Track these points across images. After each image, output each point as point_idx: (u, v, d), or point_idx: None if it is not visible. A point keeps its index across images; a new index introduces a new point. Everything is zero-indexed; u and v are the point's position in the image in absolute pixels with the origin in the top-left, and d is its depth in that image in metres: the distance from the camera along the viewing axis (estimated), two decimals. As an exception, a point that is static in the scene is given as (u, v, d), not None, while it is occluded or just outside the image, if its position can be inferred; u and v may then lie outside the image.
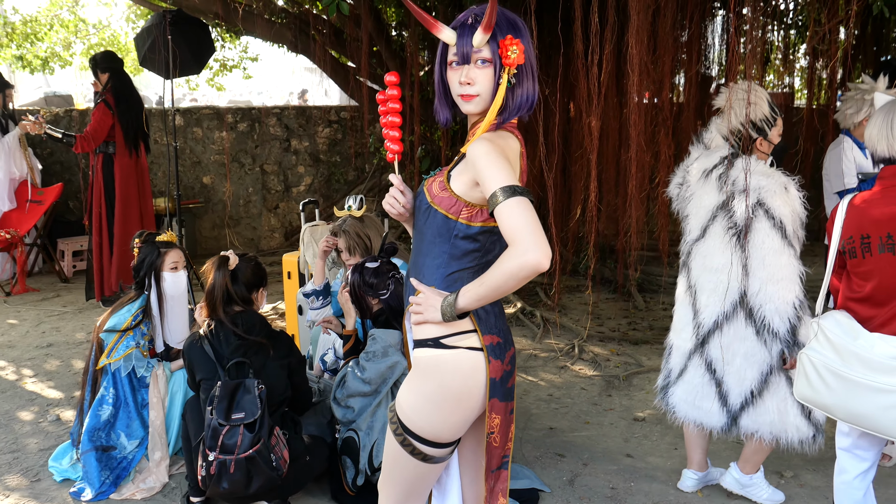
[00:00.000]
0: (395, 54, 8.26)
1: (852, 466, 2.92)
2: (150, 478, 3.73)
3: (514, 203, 1.87)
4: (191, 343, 3.47)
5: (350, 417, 3.55)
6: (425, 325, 2.11)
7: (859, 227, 2.76)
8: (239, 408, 3.21)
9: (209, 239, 9.78)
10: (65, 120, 9.39)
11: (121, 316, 3.87)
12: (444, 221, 2.09)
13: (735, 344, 3.27)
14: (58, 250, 8.36)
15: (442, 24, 2.06)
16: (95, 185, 6.89)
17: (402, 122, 2.26)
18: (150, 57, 7.05)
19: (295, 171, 10.04)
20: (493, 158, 1.94)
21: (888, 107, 2.78)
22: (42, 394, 4.96)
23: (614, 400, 4.87)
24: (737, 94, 3.35)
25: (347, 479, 3.53)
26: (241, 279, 3.52)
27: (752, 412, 3.27)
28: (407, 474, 2.21)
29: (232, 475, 3.13)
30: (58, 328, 6.40)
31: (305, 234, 5.10)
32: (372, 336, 3.50)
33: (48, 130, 6.67)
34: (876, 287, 2.72)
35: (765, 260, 3.16)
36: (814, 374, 2.78)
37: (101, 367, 3.82)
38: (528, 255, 1.84)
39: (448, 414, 2.10)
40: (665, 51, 4.99)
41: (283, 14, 8.50)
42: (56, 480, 3.82)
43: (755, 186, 3.18)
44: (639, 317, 6.72)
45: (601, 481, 3.79)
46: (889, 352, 2.62)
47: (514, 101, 2.06)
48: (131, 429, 3.81)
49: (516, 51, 1.98)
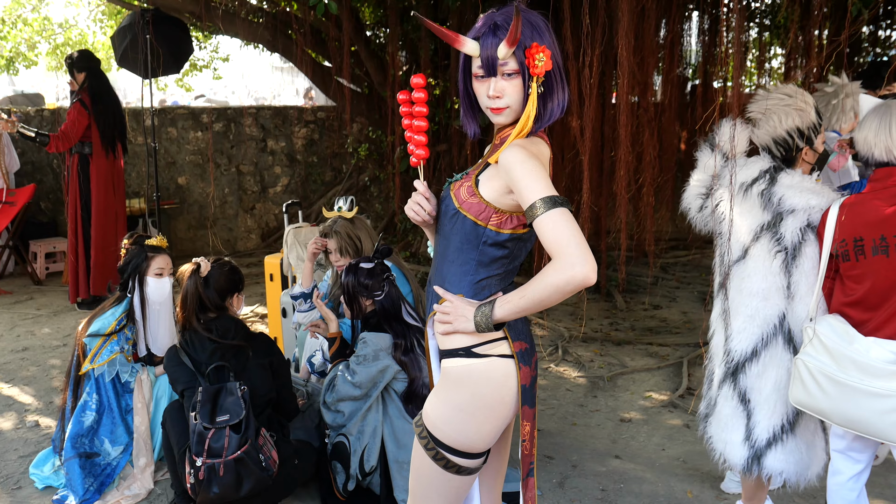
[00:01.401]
0: (374, 54, 8.23)
1: (847, 468, 2.93)
2: (134, 484, 3.67)
3: (556, 215, 1.83)
4: (169, 357, 3.43)
5: (340, 422, 3.51)
6: (455, 334, 2.05)
7: (852, 230, 2.75)
8: (223, 410, 3.17)
9: (185, 240, 9.68)
10: (36, 119, 9.23)
11: (104, 320, 3.80)
12: (473, 228, 2.03)
13: (769, 371, 3.02)
14: (30, 252, 8.23)
15: (463, 37, 1.98)
16: (71, 187, 6.78)
17: (427, 127, 2.18)
18: (131, 56, 6.95)
19: (271, 171, 9.96)
20: (531, 167, 1.89)
21: (882, 110, 2.77)
22: (19, 399, 4.86)
23: (600, 401, 4.87)
24: (780, 99, 3.06)
25: (338, 484, 3.49)
26: (213, 285, 3.47)
27: (780, 450, 3.01)
28: (442, 490, 2.15)
29: (222, 478, 3.08)
30: (32, 332, 6.29)
31: (289, 235, 5.04)
32: (362, 339, 3.46)
33: (21, 129, 6.55)
34: (869, 290, 2.72)
35: (814, 287, 2.92)
36: (809, 380, 2.77)
37: (84, 372, 3.75)
38: (577, 269, 1.79)
39: (481, 423, 2.06)
40: (649, 53, 5.00)
41: (260, 13, 8.44)
42: (38, 488, 3.73)
43: (804, 206, 2.92)
44: (620, 317, 6.74)
45: (591, 483, 3.78)
46: (885, 356, 2.62)
47: (546, 108, 2.01)
48: (115, 435, 3.74)
49: (543, 58, 1.92)
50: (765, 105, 3.08)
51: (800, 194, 2.94)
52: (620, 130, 4.15)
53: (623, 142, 4.20)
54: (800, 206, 2.93)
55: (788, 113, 3.01)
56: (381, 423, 3.47)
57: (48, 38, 12.58)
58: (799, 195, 2.94)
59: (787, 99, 3.03)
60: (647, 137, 4.90)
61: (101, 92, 6.73)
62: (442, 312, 2.05)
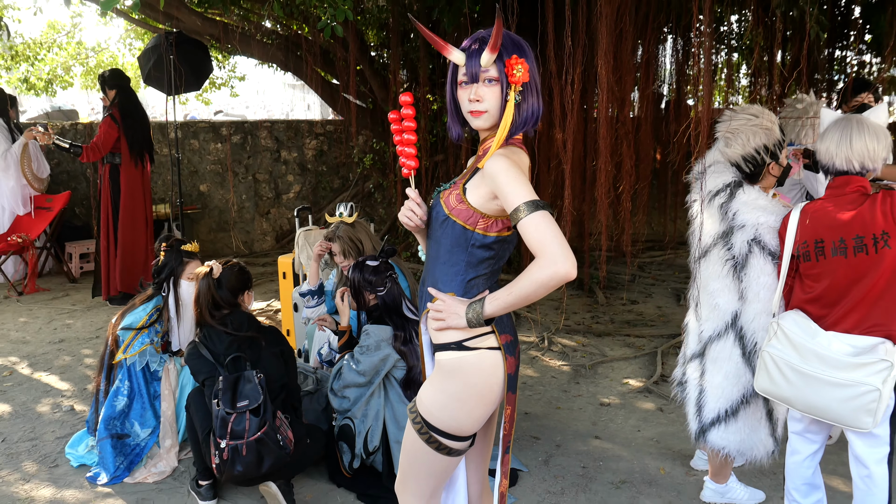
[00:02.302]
0: (377, 73, 8.24)
1: (804, 448, 2.95)
2: (160, 463, 3.69)
3: (538, 217, 1.86)
4: (189, 351, 3.44)
5: (346, 406, 3.53)
6: (448, 329, 2.07)
7: (814, 233, 2.76)
8: (242, 396, 3.18)
9: (206, 242, 9.68)
10: (70, 132, 9.25)
11: (136, 315, 3.82)
12: (462, 232, 2.05)
13: (720, 363, 3.11)
14: (66, 253, 8.23)
15: (452, 46, 2.03)
16: (103, 194, 6.79)
17: (416, 140, 2.21)
18: (154, 75, 6.96)
19: (285, 179, 9.97)
20: (514, 175, 1.92)
21: (843, 124, 2.76)
22: (55, 386, 4.88)
23: (582, 387, 4.89)
24: (747, 119, 3.06)
25: (344, 462, 3.52)
26: (225, 285, 3.49)
27: (722, 429, 3.12)
28: (432, 469, 2.18)
29: (245, 458, 3.10)
30: (68, 325, 6.30)
31: (300, 237, 5.06)
32: (365, 331, 3.49)
33: (56, 141, 6.56)
34: (827, 288, 2.73)
35: (759, 294, 2.99)
36: (774, 370, 2.79)
37: (117, 362, 3.77)
38: (559, 266, 1.83)
39: (472, 409, 2.08)
40: (627, 71, 5.01)
41: (274, 35, 8.46)
42: (73, 466, 3.76)
43: (754, 223, 2.97)
44: (601, 311, 6.75)
45: (573, 461, 3.81)
46: (845, 349, 2.65)
47: (521, 116, 2.03)
48: (144, 418, 3.77)
49: (521, 69, 1.96)
50: (731, 125, 3.09)
51: (752, 211, 2.98)
52: (601, 142, 4.17)
53: (603, 152, 4.22)
54: (749, 223, 2.98)
55: (756, 132, 3.03)
56: (382, 407, 3.49)
57: (82, 62, 12.58)
58: (751, 212, 2.98)
59: (754, 119, 3.05)
60: (626, 148, 4.92)
61: (130, 108, 6.73)
62: (435, 310, 2.07)
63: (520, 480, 3.60)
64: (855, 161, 2.71)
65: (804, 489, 2.96)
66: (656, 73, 6.77)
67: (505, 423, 2.14)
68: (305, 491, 3.53)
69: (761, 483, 3.54)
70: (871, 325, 2.65)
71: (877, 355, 2.59)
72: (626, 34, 4.81)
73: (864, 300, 2.65)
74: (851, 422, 2.63)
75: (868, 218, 2.63)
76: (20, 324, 6.33)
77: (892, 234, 2.59)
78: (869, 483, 2.75)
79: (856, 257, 2.65)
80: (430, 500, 2.25)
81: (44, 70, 11.93)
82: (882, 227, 2.60)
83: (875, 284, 2.63)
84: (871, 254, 2.62)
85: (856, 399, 2.59)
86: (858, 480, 2.78)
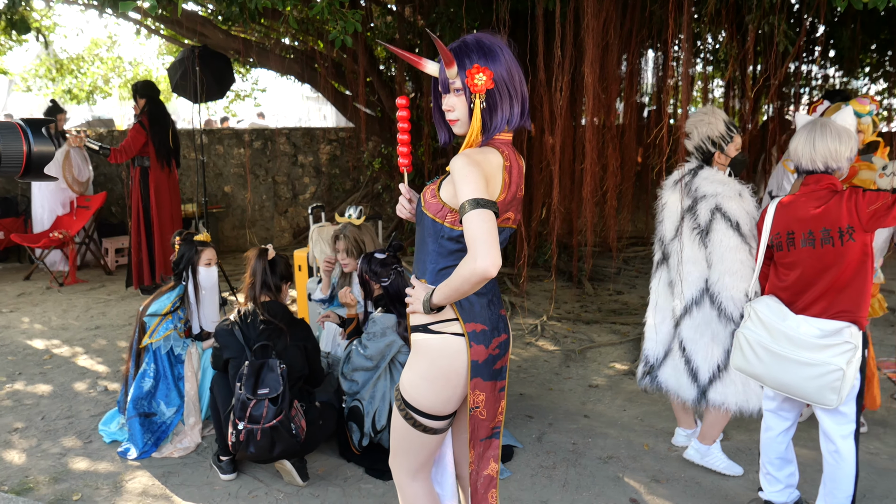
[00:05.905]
0: (385, 84, 8.17)
1: (777, 424, 2.89)
2: (185, 439, 3.63)
3: (475, 215, 1.80)
4: (222, 327, 3.35)
5: (355, 389, 3.47)
6: (416, 313, 2.05)
7: (786, 225, 2.74)
8: (264, 384, 3.11)
9: (230, 238, 9.65)
10: (107, 138, 9.22)
11: (161, 302, 3.76)
12: (433, 224, 2.01)
13: (703, 326, 3.17)
14: (102, 247, 8.18)
15: (426, 60, 1.99)
16: (133, 194, 6.72)
17: (411, 139, 2.16)
18: (181, 84, 6.90)
19: (301, 181, 9.90)
20: (467, 172, 1.85)
21: (810, 127, 2.75)
22: (92, 368, 4.83)
23: (572, 370, 4.82)
24: (699, 117, 3.27)
25: (354, 441, 3.46)
26: (277, 270, 3.42)
27: (720, 385, 3.16)
28: (413, 446, 2.13)
29: (258, 441, 3.03)
30: (104, 313, 6.24)
31: (314, 233, 5.00)
32: (372, 319, 3.43)
33: (87, 143, 6.47)
34: (798, 276, 2.70)
35: (723, 256, 3.07)
36: (748, 349, 2.75)
37: (144, 346, 3.71)
38: (478, 263, 1.77)
39: (439, 389, 2.02)
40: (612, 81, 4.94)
41: (291, 50, 8.39)
42: (105, 441, 3.71)
43: (713, 192, 3.13)
44: (589, 301, 6.68)
45: (564, 438, 3.75)
46: (812, 332, 2.61)
47: (493, 120, 1.96)
48: (169, 398, 3.70)
49: (483, 78, 1.89)
50: (691, 121, 3.34)
51: (711, 184, 3.16)
52: (587, 145, 4.11)
53: (589, 155, 4.15)
54: (710, 193, 3.14)
55: (701, 127, 3.25)
56: (388, 389, 3.43)
57: (120, 74, 12.54)
58: (710, 185, 3.16)
59: (703, 116, 3.27)
60: (611, 152, 4.84)
61: (158, 116, 6.64)
62: (409, 294, 2.06)
63: (515, 456, 3.54)
64: (819, 161, 2.70)
65: (778, 463, 2.91)
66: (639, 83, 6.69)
67: (480, 408, 2.04)
68: (318, 465, 3.47)
69: (740, 459, 3.47)
70: (837, 311, 2.62)
71: (842, 338, 2.56)
72: (611, 47, 4.73)
73: (831, 288, 2.62)
74: (817, 398, 2.59)
75: (835, 213, 2.61)
76: (61, 312, 6.28)
77: (857, 229, 2.57)
78: (837, 458, 2.70)
79: (822, 248, 2.62)
80: (417, 474, 2.20)
81: (86, 82, 11.89)
82: (847, 221, 2.58)
83: (841, 274, 2.60)
84: (837, 246, 2.60)
85: (821, 377, 2.55)
86: (828, 455, 2.73)
